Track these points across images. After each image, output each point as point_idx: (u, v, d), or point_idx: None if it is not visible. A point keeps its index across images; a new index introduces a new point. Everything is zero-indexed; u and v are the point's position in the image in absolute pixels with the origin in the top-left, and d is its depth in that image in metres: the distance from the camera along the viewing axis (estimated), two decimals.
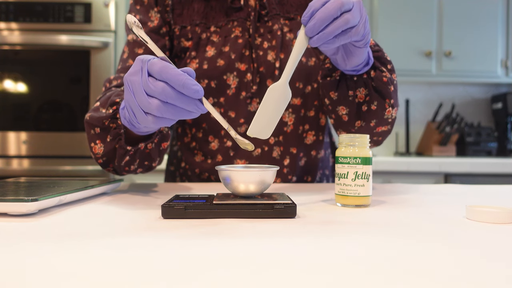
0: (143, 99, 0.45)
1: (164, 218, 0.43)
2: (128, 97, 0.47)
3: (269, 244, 0.32)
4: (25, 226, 0.39)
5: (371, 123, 0.68)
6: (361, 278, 0.24)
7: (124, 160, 0.63)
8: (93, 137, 0.64)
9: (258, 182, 0.47)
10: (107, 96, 0.67)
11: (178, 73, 0.43)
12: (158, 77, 0.44)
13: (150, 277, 0.24)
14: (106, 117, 0.62)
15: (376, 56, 0.65)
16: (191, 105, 0.45)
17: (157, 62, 0.44)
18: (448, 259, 0.29)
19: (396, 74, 0.69)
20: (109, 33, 1.88)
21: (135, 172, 0.68)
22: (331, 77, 0.67)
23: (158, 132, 0.64)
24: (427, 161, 1.98)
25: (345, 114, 0.69)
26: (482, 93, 2.59)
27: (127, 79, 0.46)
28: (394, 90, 0.67)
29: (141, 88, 0.44)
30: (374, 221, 0.42)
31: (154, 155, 0.66)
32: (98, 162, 0.67)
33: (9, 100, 1.88)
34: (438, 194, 0.64)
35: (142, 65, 0.45)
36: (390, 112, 0.68)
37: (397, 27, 2.26)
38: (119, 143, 0.62)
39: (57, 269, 0.26)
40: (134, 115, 0.48)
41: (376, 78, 0.65)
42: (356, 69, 0.63)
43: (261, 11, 0.78)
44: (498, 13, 2.28)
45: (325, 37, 0.49)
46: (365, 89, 0.65)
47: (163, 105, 0.44)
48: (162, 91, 0.43)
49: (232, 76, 0.77)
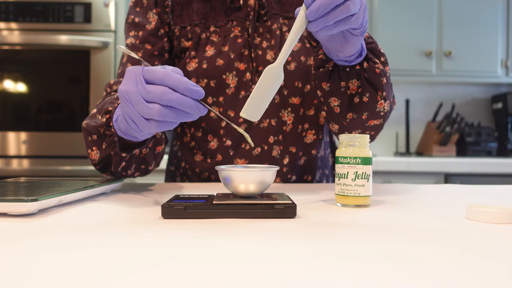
0: (142, 107, 0.45)
1: (164, 218, 0.43)
2: (126, 109, 0.47)
3: (269, 244, 0.32)
4: (25, 226, 0.39)
5: (363, 116, 0.68)
6: (361, 278, 0.24)
7: (120, 166, 0.64)
8: (90, 143, 0.65)
9: (258, 182, 0.47)
10: (102, 103, 0.67)
11: (178, 77, 0.44)
12: (160, 82, 0.44)
13: (150, 277, 0.24)
14: (101, 125, 0.62)
15: (370, 48, 0.65)
16: (192, 107, 0.45)
17: (156, 70, 0.45)
18: (448, 259, 0.28)
19: (389, 67, 0.69)
20: (109, 33, 1.88)
21: (133, 176, 0.69)
22: (324, 68, 0.67)
23: (152, 137, 0.65)
24: (427, 161, 1.98)
25: (337, 105, 0.68)
26: (482, 93, 2.59)
27: (121, 91, 0.46)
28: (387, 83, 0.67)
29: (139, 97, 0.44)
30: (374, 221, 0.42)
31: (149, 159, 0.67)
32: (96, 168, 0.67)
33: (9, 100, 1.88)
34: (438, 194, 0.64)
35: (135, 74, 0.45)
36: (382, 104, 0.67)
37: (397, 27, 2.26)
38: (113, 150, 0.62)
39: (57, 269, 0.26)
40: (136, 124, 0.47)
41: (369, 69, 0.64)
42: (349, 59, 0.62)
43: (260, 11, 0.78)
44: (498, 13, 2.28)
45: (325, 22, 0.49)
46: (358, 80, 0.65)
47: (164, 108, 0.44)
48: (162, 94, 0.44)
49: (231, 75, 0.77)
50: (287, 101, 0.78)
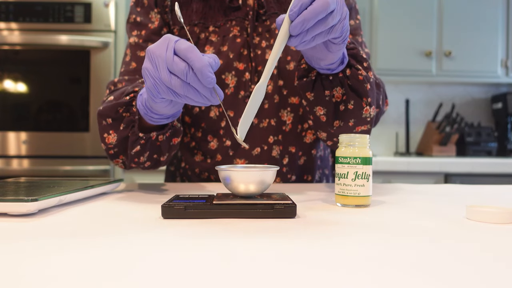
0: (165, 75, 0.47)
1: (164, 218, 0.43)
2: (150, 68, 0.48)
3: (269, 244, 0.32)
4: (25, 226, 0.39)
5: (350, 123, 0.68)
6: (361, 277, 0.24)
7: (134, 148, 0.64)
8: (106, 127, 0.65)
9: (258, 182, 0.47)
10: (121, 91, 0.68)
11: (201, 56, 0.45)
12: (182, 55, 0.46)
13: (150, 277, 0.24)
14: (121, 103, 0.63)
15: (352, 54, 0.64)
16: (206, 91, 0.47)
17: (185, 42, 0.47)
18: (448, 259, 0.28)
19: (372, 72, 0.68)
20: (109, 33, 1.88)
21: (143, 166, 0.69)
22: (307, 77, 0.66)
23: (171, 126, 0.66)
24: (427, 161, 1.98)
25: (323, 114, 0.68)
26: (482, 93, 2.59)
27: (150, 51, 0.48)
28: (371, 88, 0.66)
29: (164, 64, 0.46)
30: (374, 221, 0.42)
31: (164, 148, 0.67)
32: (109, 153, 0.68)
33: (9, 100, 1.88)
34: (438, 194, 0.64)
35: (168, 42, 0.47)
36: (368, 111, 0.67)
37: (397, 27, 2.26)
38: (132, 130, 0.63)
39: (57, 269, 0.26)
40: (156, 87, 0.49)
41: (352, 76, 0.64)
42: (331, 67, 0.62)
43: (259, 10, 0.78)
44: (498, 13, 2.28)
45: (302, 37, 0.49)
46: (342, 88, 0.65)
47: (184, 84, 0.47)
48: (183, 71, 0.45)
49: (230, 75, 0.77)
50: (287, 101, 0.78)
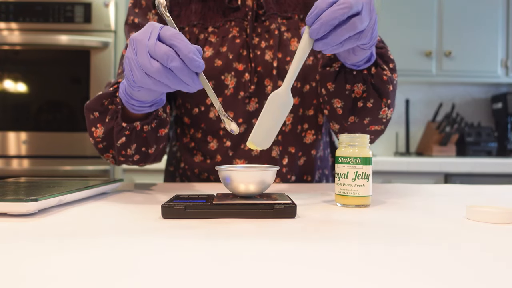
0: (145, 60, 0.46)
1: (164, 218, 0.43)
2: (131, 55, 0.47)
3: (269, 244, 0.32)
4: (25, 226, 0.39)
5: (365, 121, 0.68)
6: (361, 277, 0.24)
7: (120, 140, 0.64)
8: (93, 121, 0.66)
9: (258, 182, 0.47)
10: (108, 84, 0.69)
11: (188, 43, 0.45)
12: (168, 41, 0.45)
13: (150, 277, 0.24)
14: (106, 95, 0.63)
15: (379, 53, 0.64)
16: (188, 77, 0.46)
17: (171, 29, 0.46)
18: (448, 259, 0.28)
19: (397, 74, 0.69)
20: (109, 33, 1.88)
21: (132, 159, 0.69)
22: (331, 67, 0.66)
23: (156, 116, 0.65)
24: (427, 161, 1.98)
25: (340, 107, 0.68)
26: (482, 93, 2.59)
27: (132, 39, 0.47)
28: (393, 90, 0.66)
29: (145, 49, 0.45)
30: (374, 221, 0.42)
31: (151, 140, 0.67)
32: (98, 147, 0.68)
33: (9, 100, 1.88)
34: (438, 194, 0.64)
35: (152, 29, 0.46)
36: (385, 112, 0.67)
37: (397, 27, 2.26)
38: (116, 121, 0.63)
39: (57, 269, 0.26)
40: (132, 74, 0.48)
41: (376, 75, 0.64)
42: (357, 64, 0.62)
43: (259, 11, 0.78)
44: (498, 13, 2.28)
45: (331, 42, 0.47)
46: (363, 85, 0.65)
47: (163, 69, 0.45)
48: (165, 54, 0.44)
49: (230, 76, 0.76)
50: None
